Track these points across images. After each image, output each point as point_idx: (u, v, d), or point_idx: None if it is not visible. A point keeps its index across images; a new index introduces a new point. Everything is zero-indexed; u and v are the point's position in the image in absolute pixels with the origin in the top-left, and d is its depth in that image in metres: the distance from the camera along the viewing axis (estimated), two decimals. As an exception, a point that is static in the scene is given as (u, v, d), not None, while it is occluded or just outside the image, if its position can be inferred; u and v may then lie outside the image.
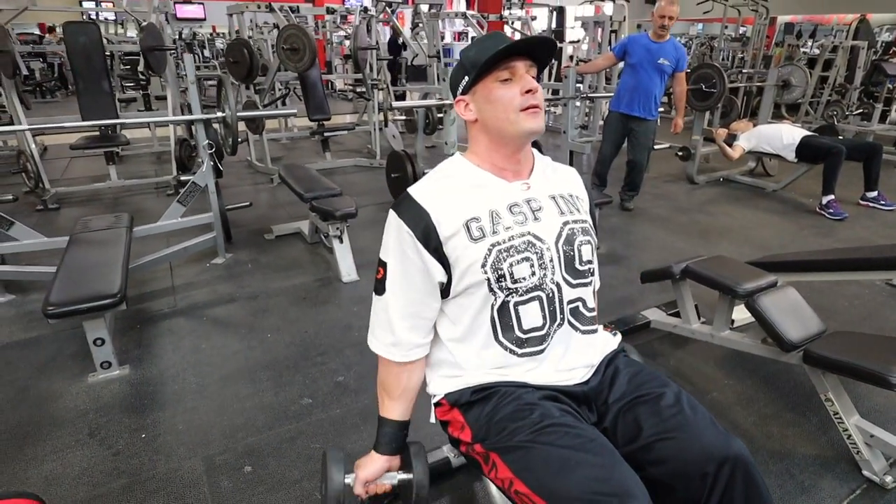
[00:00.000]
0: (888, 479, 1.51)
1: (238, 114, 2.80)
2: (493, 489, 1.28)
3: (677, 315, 2.19)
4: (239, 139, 2.94)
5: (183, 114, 4.50)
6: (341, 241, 2.90)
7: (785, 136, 4.20)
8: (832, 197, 3.89)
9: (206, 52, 13.25)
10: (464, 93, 1.01)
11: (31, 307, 2.49)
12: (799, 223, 3.82)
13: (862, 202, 4.11)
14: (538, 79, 1.01)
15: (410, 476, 1.06)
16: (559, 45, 7.01)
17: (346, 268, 2.87)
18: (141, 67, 5.45)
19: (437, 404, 1.08)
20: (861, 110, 6.13)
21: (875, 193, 4.07)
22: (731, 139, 4.54)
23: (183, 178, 3.63)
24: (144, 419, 1.77)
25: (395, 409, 1.07)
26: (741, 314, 2.15)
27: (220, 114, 2.82)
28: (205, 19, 15.86)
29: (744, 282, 1.80)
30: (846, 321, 2.44)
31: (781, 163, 4.50)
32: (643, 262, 2.93)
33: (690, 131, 4.82)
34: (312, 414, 1.80)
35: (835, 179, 3.89)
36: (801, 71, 5.78)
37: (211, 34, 14.85)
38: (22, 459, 1.59)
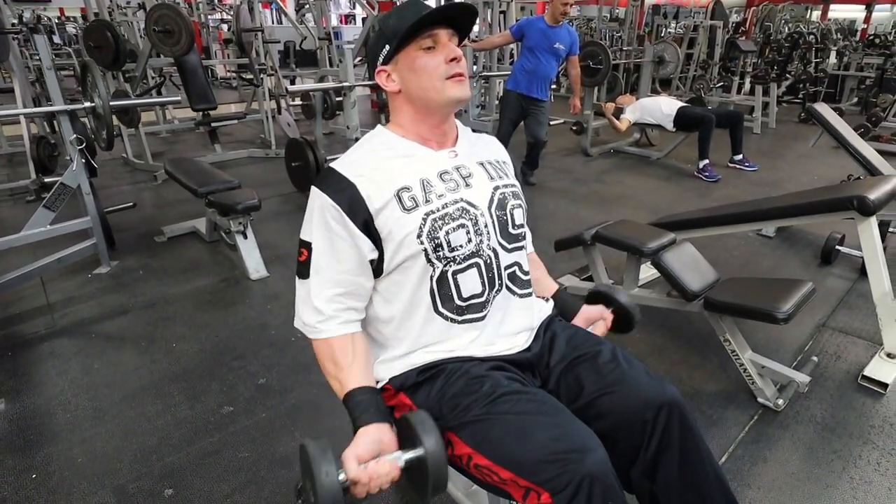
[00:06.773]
0: (779, 402, 1.72)
1: (111, 102, 2.48)
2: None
3: (590, 279, 2.31)
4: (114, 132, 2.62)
5: (38, 106, 3.91)
6: (245, 237, 2.70)
7: (664, 107, 4.58)
8: (707, 161, 4.32)
9: (57, 39, 11.63)
10: (385, 63, 0.96)
11: None
12: (682, 186, 4.20)
13: (730, 165, 4.61)
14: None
15: (421, 452, 0.80)
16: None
17: (254, 264, 2.69)
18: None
19: (382, 390, 1.03)
20: (722, 83, 6.84)
21: (741, 156, 4.58)
22: (618, 112, 4.86)
23: (48, 180, 3.18)
24: (33, 457, 1.54)
25: (353, 375, 0.92)
26: (644, 273, 2.32)
27: (88, 103, 2.48)
28: (50, 1, 13.99)
29: (649, 241, 1.93)
30: (730, 269, 2.72)
31: (662, 133, 4.91)
32: (552, 233, 3.04)
33: (582, 107, 5.08)
34: (236, 422, 1.67)
35: (708, 145, 4.32)
36: (672, 47, 6.31)
37: (59, 18, 13.07)
38: None
